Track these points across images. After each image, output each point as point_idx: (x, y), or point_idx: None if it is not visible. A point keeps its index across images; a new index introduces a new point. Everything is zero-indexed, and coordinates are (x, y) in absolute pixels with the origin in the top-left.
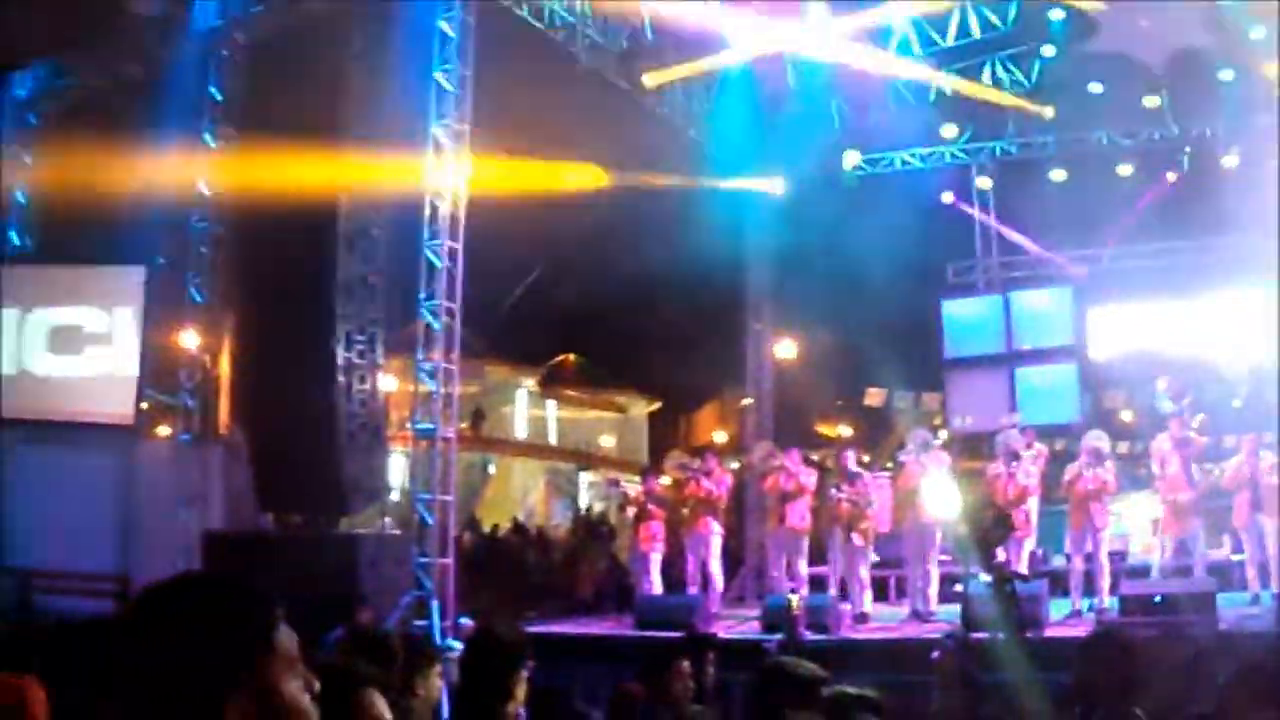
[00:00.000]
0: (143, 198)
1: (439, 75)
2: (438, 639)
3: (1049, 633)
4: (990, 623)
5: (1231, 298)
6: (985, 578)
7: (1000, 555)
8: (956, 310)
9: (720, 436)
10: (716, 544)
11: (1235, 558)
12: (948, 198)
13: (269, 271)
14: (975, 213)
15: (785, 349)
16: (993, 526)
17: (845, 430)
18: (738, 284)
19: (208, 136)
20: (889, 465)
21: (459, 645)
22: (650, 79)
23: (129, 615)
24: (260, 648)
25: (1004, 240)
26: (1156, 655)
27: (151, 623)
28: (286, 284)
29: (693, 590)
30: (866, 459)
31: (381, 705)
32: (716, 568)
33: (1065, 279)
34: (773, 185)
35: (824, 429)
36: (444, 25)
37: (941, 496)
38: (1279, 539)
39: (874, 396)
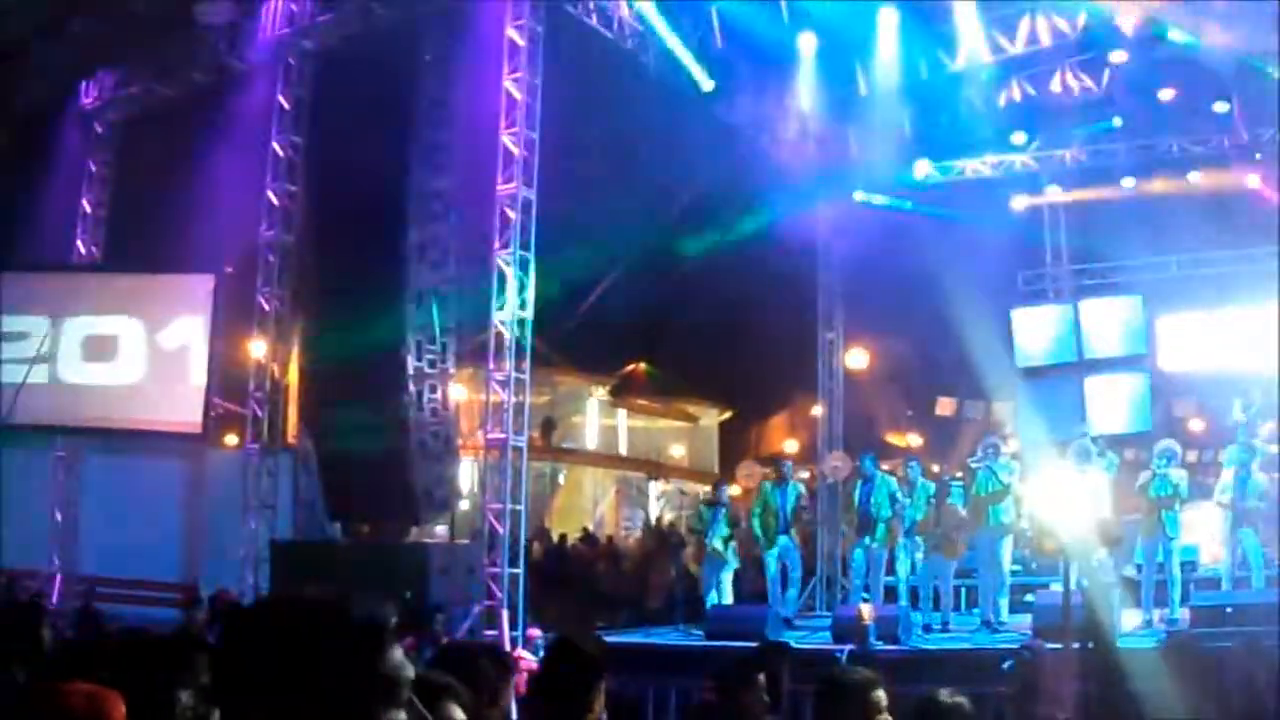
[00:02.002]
0: (211, 206)
1: (508, 83)
2: (507, 649)
3: (1121, 643)
4: (1066, 633)
5: None
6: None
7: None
8: (1027, 319)
9: (791, 446)
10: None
11: None
12: (1019, 204)
13: (338, 280)
14: (1045, 221)
15: (856, 358)
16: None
17: (915, 440)
18: (809, 293)
19: (276, 145)
20: (958, 475)
21: (529, 656)
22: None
23: (234, 633)
24: (368, 674)
25: (1074, 248)
26: (1230, 668)
27: (259, 644)
28: (356, 292)
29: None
30: (936, 468)
31: (460, 717)
32: (795, 578)
33: (1135, 287)
34: (844, 193)
35: (894, 438)
36: (512, 34)
37: (1014, 505)
38: None
39: (945, 406)
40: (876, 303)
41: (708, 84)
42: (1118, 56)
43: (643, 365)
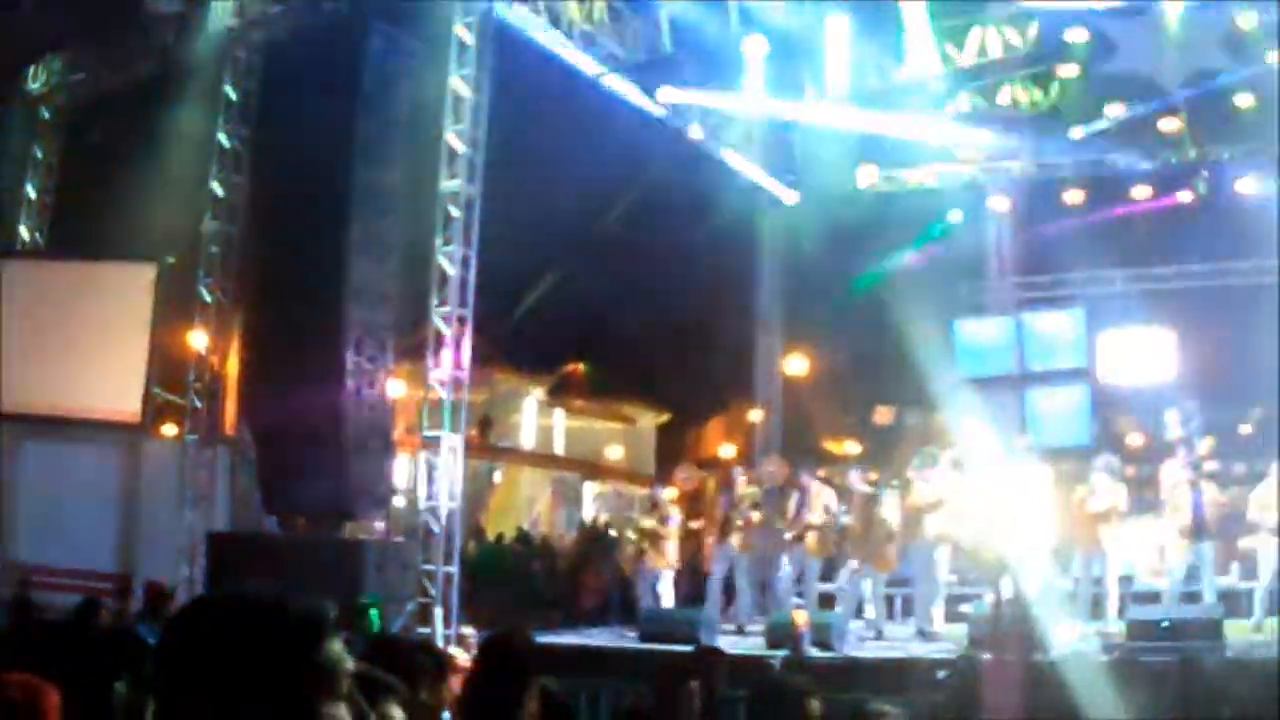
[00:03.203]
0: (155, 195)
1: (454, 81)
2: (440, 647)
3: (1056, 656)
4: (999, 644)
5: (1245, 323)
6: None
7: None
8: (969, 330)
9: (728, 450)
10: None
11: (1244, 584)
12: (960, 216)
13: (280, 273)
14: (989, 232)
15: (795, 364)
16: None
17: (853, 447)
18: (749, 298)
19: (222, 136)
20: (895, 483)
21: (463, 654)
22: (664, 95)
23: (174, 627)
24: (307, 667)
25: (1018, 261)
26: (1166, 683)
27: (198, 638)
28: (297, 286)
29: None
30: (874, 477)
31: (399, 715)
32: (744, 582)
33: (1078, 301)
34: (788, 198)
35: (832, 445)
36: (461, 32)
37: (950, 516)
38: None
39: (883, 414)
40: (818, 309)
41: (653, 88)
42: (1067, 70)
43: (581, 366)
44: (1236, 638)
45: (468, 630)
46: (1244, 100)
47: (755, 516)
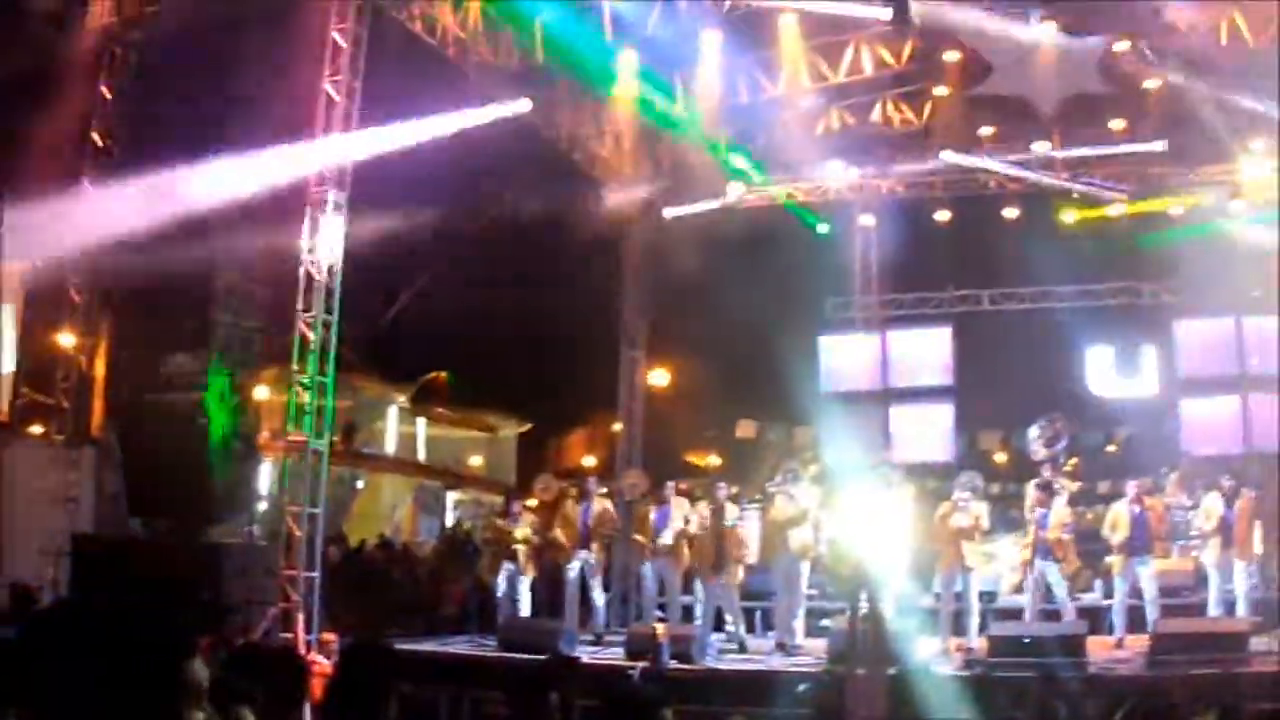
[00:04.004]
0: (28, 194)
1: (327, 85)
2: (302, 652)
3: (917, 671)
4: (859, 659)
5: (1112, 343)
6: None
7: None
8: (833, 346)
9: (590, 461)
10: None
11: (1106, 601)
12: (828, 231)
13: (147, 275)
14: (856, 249)
15: (658, 377)
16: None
17: (715, 460)
18: (614, 310)
19: (95, 135)
20: (758, 498)
21: (324, 660)
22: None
23: (32, 637)
24: (170, 682)
25: (884, 278)
26: (1027, 699)
27: (59, 647)
28: (165, 289)
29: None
30: (735, 490)
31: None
32: (599, 593)
33: (943, 319)
34: (655, 211)
35: (694, 458)
36: (336, 35)
37: (812, 530)
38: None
39: (745, 428)
40: (682, 322)
41: (526, 102)
42: (941, 90)
43: (444, 374)
44: (1098, 654)
45: (329, 636)
46: (1116, 124)
47: (614, 528)
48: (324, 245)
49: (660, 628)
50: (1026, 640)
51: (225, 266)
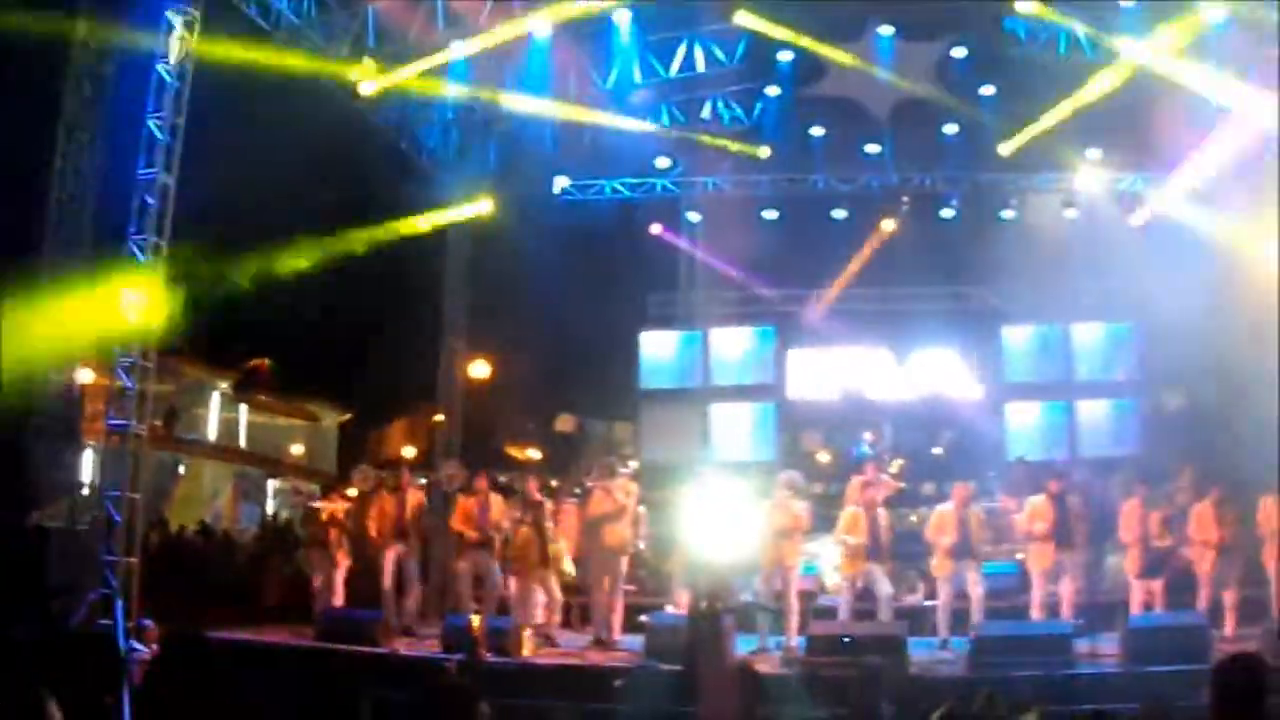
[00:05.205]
0: None
1: (160, 66)
2: (121, 640)
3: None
4: (677, 655)
5: (938, 348)
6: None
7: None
8: (655, 342)
9: (410, 452)
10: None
11: (929, 603)
12: (655, 229)
13: None
14: (681, 246)
15: (479, 368)
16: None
17: (535, 454)
18: (436, 300)
19: None
20: (577, 492)
21: (142, 647)
22: (365, 84)
23: None
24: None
25: (708, 276)
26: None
27: None
28: None
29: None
30: (555, 484)
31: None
32: (415, 585)
33: (768, 318)
34: (481, 202)
35: (514, 451)
36: (171, 15)
37: (630, 526)
38: (980, 587)
39: (565, 423)
40: (505, 314)
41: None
42: (772, 90)
43: (267, 361)
44: (920, 655)
45: (148, 623)
46: (950, 129)
47: (432, 519)
48: (151, 227)
49: (477, 620)
50: (846, 640)
51: (52, 246)
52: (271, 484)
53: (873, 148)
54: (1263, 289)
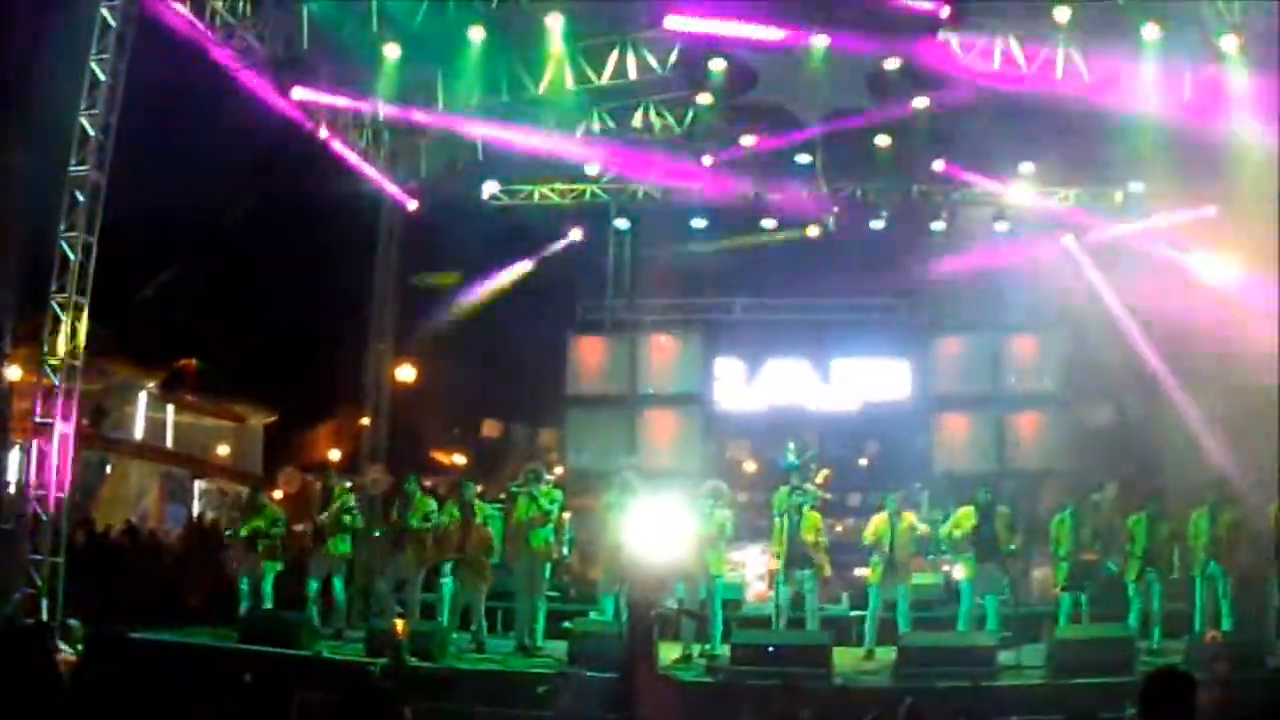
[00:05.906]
0: None
1: (93, 64)
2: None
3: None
4: (603, 662)
5: (868, 359)
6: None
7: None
8: (582, 348)
9: (335, 455)
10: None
11: (856, 612)
12: (584, 234)
13: None
14: (610, 252)
15: (406, 372)
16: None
17: (460, 459)
18: (365, 303)
19: None
20: (502, 498)
21: (66, 647)
22: (297, 92)
23: None
24: None
25: (636, 283)
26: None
27: None
28: None
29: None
30: (480, 489)
31: None
32: (340, 588)
33: (696, 326)
34: (409, 206)
35: (440, 456)
36: (105, 13)
37: (554, 532)
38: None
39: (490, 428)
40: (431, 319)
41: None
42: (704, 98)
43: (194, 361)
44: (845, 664)
45: (73, 622)
46: (882, 140)
47: (356, 522)
48: (80, 224)
49: (400, 624)
50: (770, 649)
51: None
52: (198, 485)
53: (804, 158)
54: (1191, 301)
